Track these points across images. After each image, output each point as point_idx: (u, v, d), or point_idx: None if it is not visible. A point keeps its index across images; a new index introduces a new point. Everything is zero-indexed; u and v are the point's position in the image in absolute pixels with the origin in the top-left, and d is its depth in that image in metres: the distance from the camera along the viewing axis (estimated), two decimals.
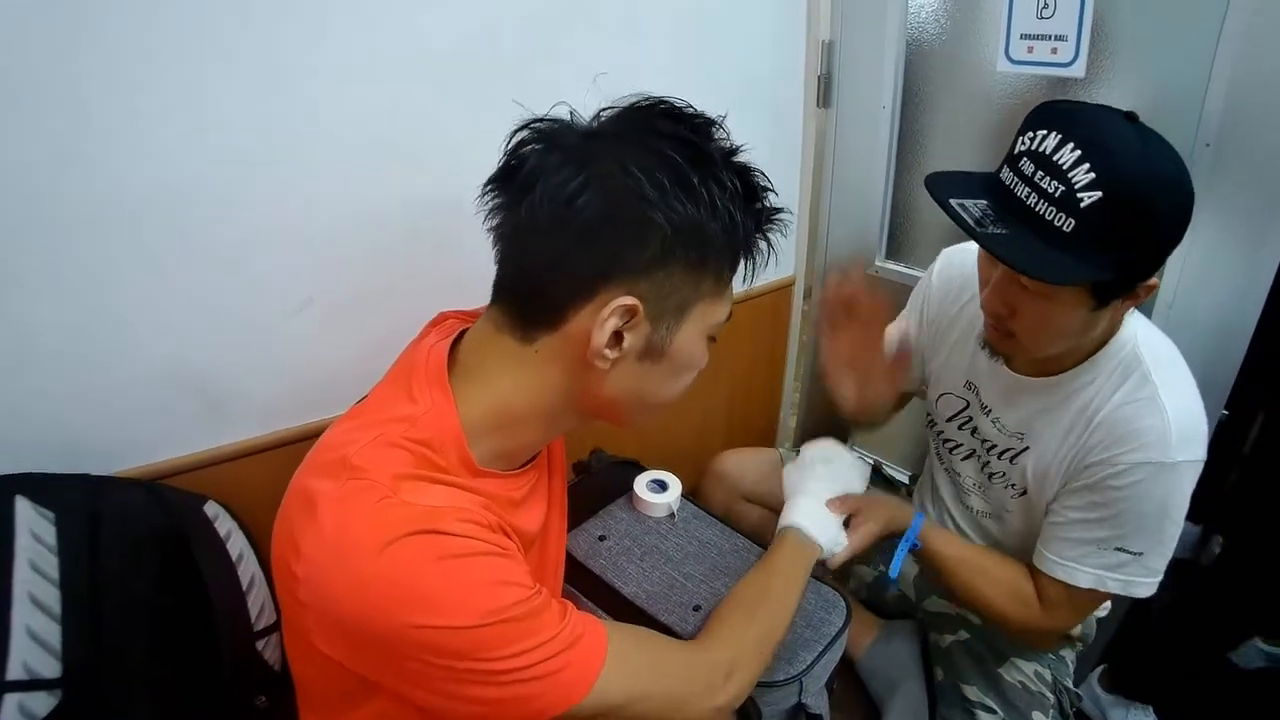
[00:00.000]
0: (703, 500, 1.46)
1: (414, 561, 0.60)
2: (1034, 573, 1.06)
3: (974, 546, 1.15)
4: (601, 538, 1.11)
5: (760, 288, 1.71)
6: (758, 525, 1.41)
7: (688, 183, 0.64)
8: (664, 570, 1.05)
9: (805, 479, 1.08)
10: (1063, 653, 1.23)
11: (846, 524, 1.04)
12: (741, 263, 0.72)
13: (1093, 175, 0.78)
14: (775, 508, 1.38)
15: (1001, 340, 0.99)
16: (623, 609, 1.01)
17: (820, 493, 1.06)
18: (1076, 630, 1.21)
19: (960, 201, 0.86)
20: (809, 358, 1.97)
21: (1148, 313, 1.24)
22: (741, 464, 1.46)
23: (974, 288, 1.02)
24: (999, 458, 1.12)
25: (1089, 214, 0.79)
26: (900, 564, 1.07)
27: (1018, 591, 1.06)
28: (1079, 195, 0.79)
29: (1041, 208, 0.82)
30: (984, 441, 1.15)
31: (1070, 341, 0.95)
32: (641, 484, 1.15)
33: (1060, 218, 0.80)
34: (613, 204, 0.64)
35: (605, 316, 0.65)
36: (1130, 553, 0.96)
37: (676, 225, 0.64)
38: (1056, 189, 0.80)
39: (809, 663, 0.93)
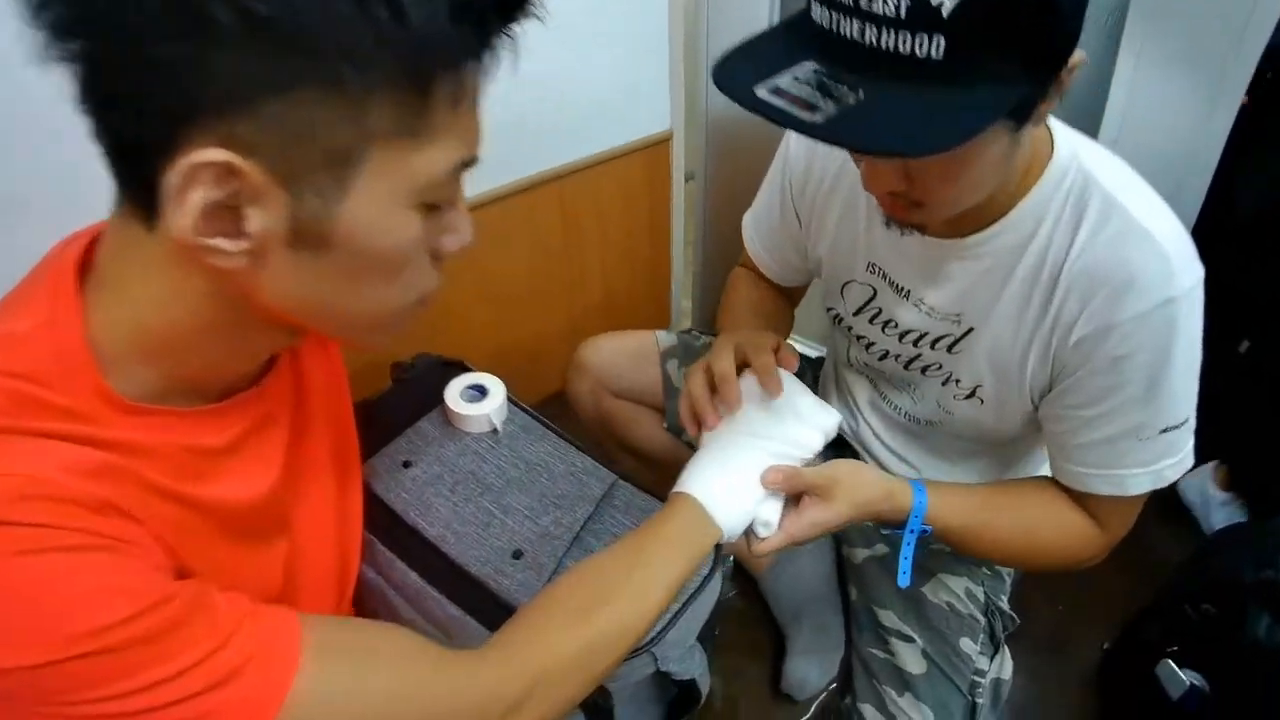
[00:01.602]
0: (570, 399, 1.24)
1: None
2: (1067, 491, 0.84)
3: (984, 495, 0.87)
4: (407, 464, 0.87)
5: (625, 146, 1.44)
6: (628, 427, 1.20)
7: None
8: (479, 503, 0.83)
9: (731, 429, 0.80)
10: (999, 565, 1.06)
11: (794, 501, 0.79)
12: (449, 73, 0.44)
13: None
14: (652, 404, 1.16)
15: (907, 213, 0.74)
16: (425, 556, 0.80)
17: (744, 454, 0.78)
18: None
19: (774, 84, 0.59)
20: (702, 225, 1.72)
21: None
22: (609, 352, 1.22)
23: None
24: (932, 348, 0.88)
25: (960, 18, 0.52)
26: (910, 568, 0.82)
27: (1070, 529, 0.84)
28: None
29: (889, 40, 0.54)
30: (907, 333, 0.90)
31: (997, 181, 0.71)
32: (454, 392, 0.91)
33: (922, 42, 0.54)
34: None
35: (177, 182, 0.41)
36: (1175, 426, 0.75)
37: (269, 20, 0.38)
38: (896, 6, 0.53)
39: (660, 629, 0.73)
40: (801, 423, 0.80)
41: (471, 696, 0.56)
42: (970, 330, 0.84)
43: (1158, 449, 0.75)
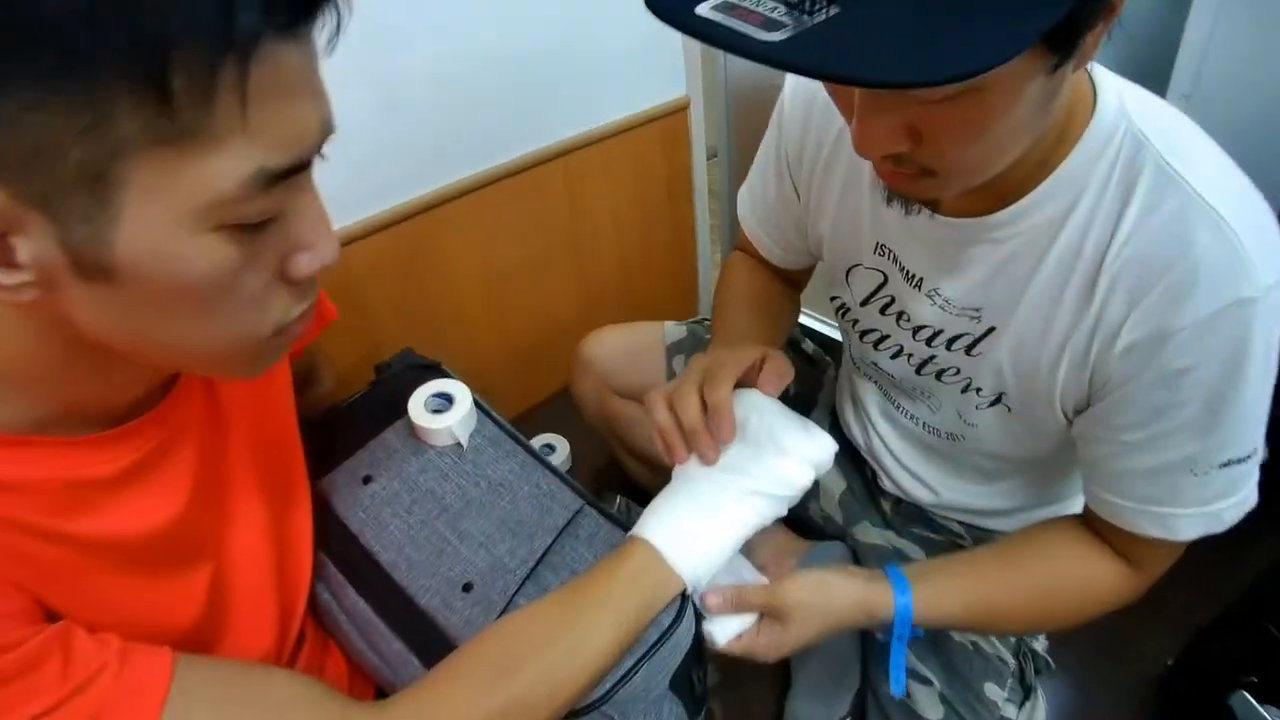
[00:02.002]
0: (574, 397, 1.18)
1: None
2: (1099, 526, 0.72)
3: (985, 566, 0.76)
4: (367, 479, 0.82)
5: (637, 115, 1.34)
6: (631, 429, 1.14)
7: None
8: (435, 526, 0.77)
9: (702, 465, 0.71)
10: None
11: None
12: (201, 63, 0.36)
13: None
14: None
15: (913, 185, 0.60)
16: (376, 582, 0.75)
17: (716, 494, 0.70)
18: None
19: None
20: (727, 206, 1.61)
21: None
22: (613, 346, 1.15)
23: None
24: (949, 348, 0.76)
25: None
26: (904, 674, 0.74)
27: (1099, 580, 0.73)
28: None
29: None
30: (920, 328, 0.78)
31: (1029, 139, 0.57)
32: (419, 402, 0.84)
33: None
34: None
35: None
36: (1239, 459, 0.62)
37: None
38: None
39: (610, 686, 0.65)
40: (784, 455, 0.70)
41: None
42: (991, 329, 0.72)
43: (1215, 486, 0.63)
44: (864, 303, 0.85)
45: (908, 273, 0.77)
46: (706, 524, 0.68)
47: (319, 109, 0.43)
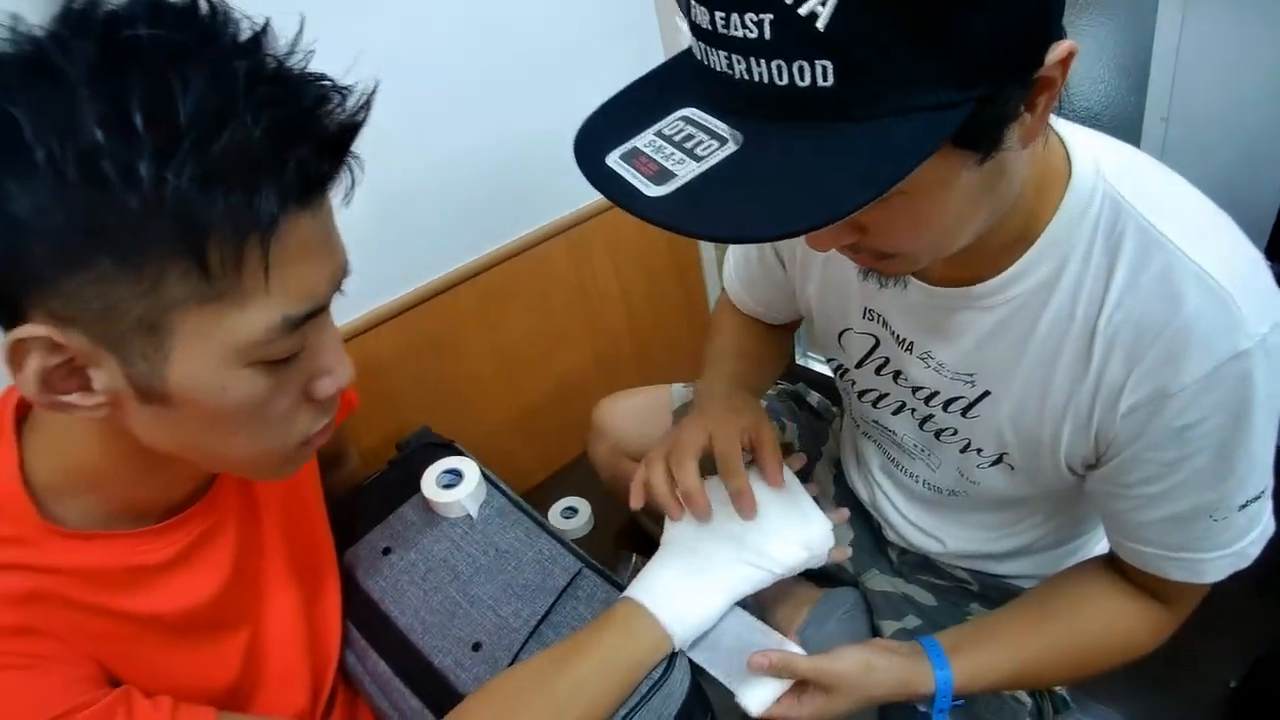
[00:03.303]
0: (591, 462, 1.24)
1: None
2: (1127, 569, 0.71)
3: (1021, 626, 0.75)
4: (386, 550, 0.90)
5: None
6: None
7: (7, 140, 0.40)
8: (448, 591, 0.84)
9: (698, 527, 0.75)
10: None
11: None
12: (227, 240, 0.44)
13: None
14: None
15: (878, 265, 0.61)
16: (394, 645, 0.82)
17: (712, 561, 0.73)
18: None
19: (631, 146, 0.48)
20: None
21: (1134, 138, 0.94)
22: (623, 413, 1.20)
23: None
24: (945, 410, 0.76)
25: (843, 32, 0.39)
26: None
27: (1135, 624, 0.72)
28: (806, 8, 0.38)
29: (762, 71, 0.42)
30: (917, 389, 0.78)
31: (983, 217, 0.56)
32: (431, 479, 0.92)
33: (803, 70, 0.40)
34: None
35: (7, 355, 0.46)
36: (1254, 499, 0.62)
37: (19, 213, 0.41)
38: (762, 26, 0.40)
39: None
40: (777, 537, 0.75)
41: None
42: (987, 394, 0.71)
43: (1236, 527, 0.63)
44: (859, 365, 0.85)
45: (898, 337, 0.77)
46: (696, 588, 0.72)
47: (331, 262, 0.52)
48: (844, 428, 1.10)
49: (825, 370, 1.12)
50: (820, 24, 0.39)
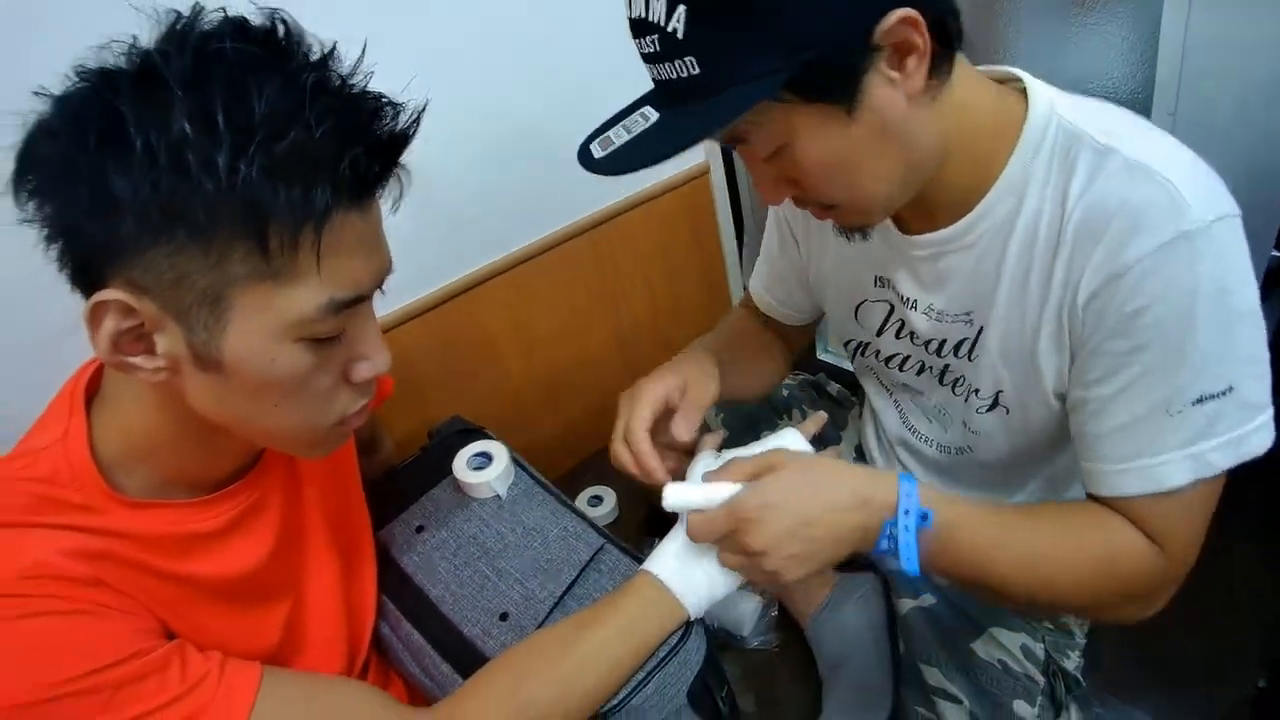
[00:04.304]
0: None
1: None
2: (1108, 512, 0.69)
3: (1003, 506, 0.74)
4: (420, 528, 0.95)
5: (661, 184, 1.47)
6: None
7: (114, 132, 0.47)
8: (477, 566, 0.89)
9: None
10: (1066, 618, 0.95)
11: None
12: (286, 226, 0.51)
13: None
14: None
15: (831, 214, 0.73)
16: (426, 615, 0.86)
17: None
18: None
19: (605, 136, 0.67)
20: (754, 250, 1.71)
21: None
22: None
23: None
24: (956, 355, 0.82)
25: (695, 35, 0.57)
26: (915, 551, 0.65)
27: (1121, 546, 0.68)
28: (671, 26, 0.58)
29: (666, 72, 0.61)
30: (929, 342, 0.84)
31: (898, 166, 0.67)
32: (462, 461, 0.97)
33: (681, 67, 0.60)
34: (53, 165, 0.51)
35: (87, 316, 0.52)
36: (1213, 395, 0.62)
37: (116, 192, 0.48)
38: (655, 43, 0.60)
39: (622, 698, 0.74)
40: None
41: None
42: (981, 330, 0.77)
43: (1194, 425, 0.63)
44: (880, 333, 0.91)
45: (903, 297, 0.84)
46: (708, 559, 0.75)
47: (377, 259, 0.59)
48: (863, 411, 1.14)
49: (845, 365, 1.16)
50: (679, 35, 0.58)
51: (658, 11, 0.58)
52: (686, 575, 0.75)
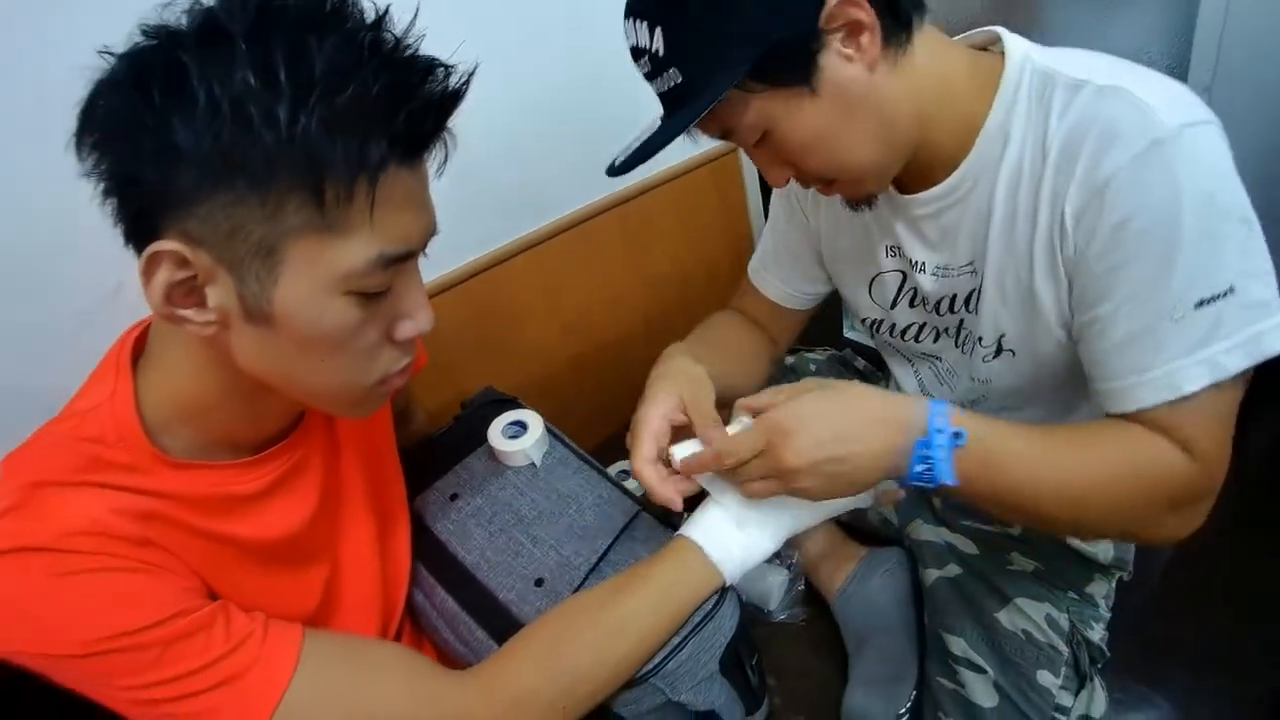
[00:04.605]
0: None
1: (9, 583, 0.54)
2: (1133, 425, 0.68)
3: (1032, 426, 0.71)
4: (454, 496, 0.95)
5: (690, 161, 1.46)
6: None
7: (177, 84, 0.48)
8: (512, 533, 0.89)
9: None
10: (1091, 589, 0.95)
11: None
12: (341, 179, 0.52)
13: (645, 21, 0.69)
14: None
15: (831, 189, 0.78)
16: (461, 582, 0.86)
17: (754, 505, 0.75)
18: (1109, 554, 0.95)
19: (635, 140, 0.75)
20: None
21: None
22: None
23: None
24: (967, 308, 0.84)
25: (673, 51, 0.68)
26: (950, 467, 0.65)
27: (1150, 453, 0.67)
28: (654, 47, 0.69)
29: (661, 87, 0.72)
30: (939, 303, 0.87)
31: (875, 132, 0.72)
32: (497, 430, 0.97)
33: (670, 80, 0.70)
34: (116, 118, 0.51)
35: (143, 266, 0.53)
36: (1214, 297, 0.63)
37: (178, 142, 0.48)
38: (647, 63, 0.71)
39: (658, 661, 0.74)
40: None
41: (450, 713, 0.65)
42: (982, 277, 0.80)
43: (1200, 328, 0.63)
44: (894, 305, 0.93)
45: (912, 261, 0.86)
46: (745, 527, 0.76)
47: (425, 217, 0.60)
48: (890, 386, 1.14)
49: (870, 341, 1.16)
50: (661, 53, 0.68)
51: (644, 37, 0.69)
52: (723, 541, 0.75)
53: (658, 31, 0.67)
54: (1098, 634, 0.95)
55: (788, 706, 1.04)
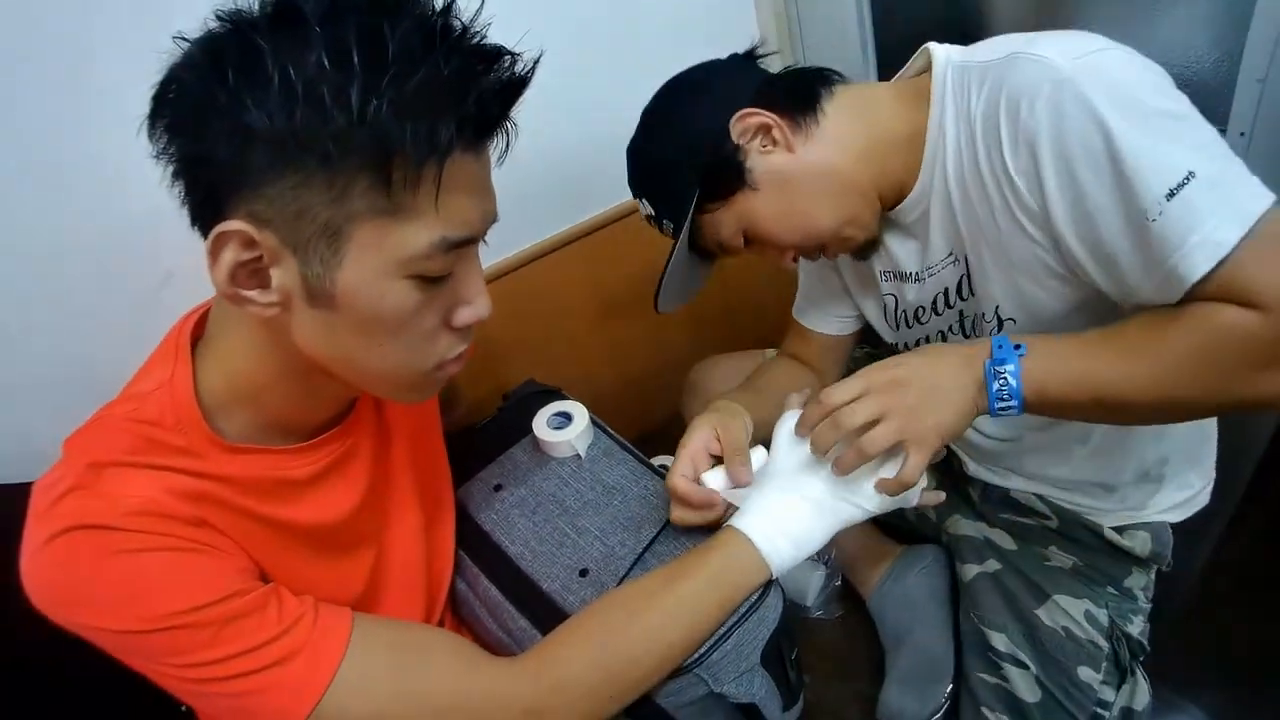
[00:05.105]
0: (686, 419, 1.29)
1: (70, 558, 0.55)
2: (1189, 300, 0.66)
3: (1092, 330, 0.72)
4: (498, 487, 0.96)
5: None
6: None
7: (252, 66, 0.49)
8: (557, 524, 0.90)
9: (795, 466, 0.78)
10: (1129, 582, 0.96)
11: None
12: (409, 163, 0.52)
13: (638, 196, 0.93)
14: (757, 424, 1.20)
15: (830, 252, 0.90)
16: (505, 572, 0.87)
17: (804, 501, 0.76)
18: (1146, 547, 0.94)
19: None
20: None
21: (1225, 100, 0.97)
22: (719, 373, 1.26)
23: None
24: (961, 297, 0.89)
25: (655, 209, 0.90)
26: (1019, 375, 0.69)
27: (1211, 326, 0.64)
28: (649, 212, 0.92)
29: (665, 234, 0.92)
30: (935, 299, 0.92)
31: (826, 194, 0.83)
32: (541, 421, 0.98)
33: (665, 228, 0.91)
34: (190, 99, 0.53)
35: (210, 246, 0.54)
36: (1179, 186, 0.62)
37: (251, 122, 0.49)
38: (655, 223, 0.93)
39: (702, 652, 0.74)
40: (872, 477, 0.75)
41: (498, 697, 0.65)
42: (968, 263, 0.84)
43: (1181, 219, 0.63)
44: (898, 327, 1.00)
45: (904, 274, 0.93)
46: (793, 520, 0.76)
47: (487, 203, 0.61)
48: None
49: None
50: (653, 214, 0.91)
51: (646, 207, 0.91)
52: (772, 533, 0.75)
53: (644, 200, 0.91)
54: (1137, 627, 0.95)
55: (823, 703, 1.04)
